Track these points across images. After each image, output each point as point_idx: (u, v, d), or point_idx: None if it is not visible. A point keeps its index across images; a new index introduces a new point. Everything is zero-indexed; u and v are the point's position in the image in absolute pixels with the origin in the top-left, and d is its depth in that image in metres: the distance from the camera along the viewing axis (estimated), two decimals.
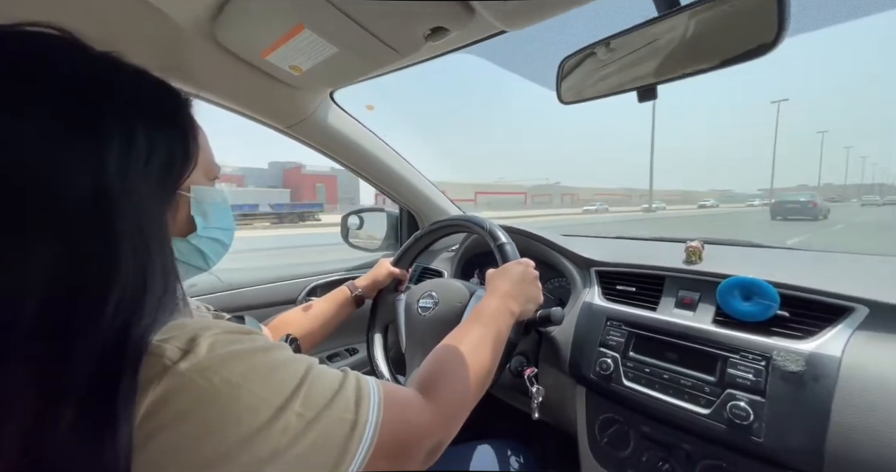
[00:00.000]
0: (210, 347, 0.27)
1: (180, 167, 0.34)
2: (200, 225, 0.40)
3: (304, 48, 0.59)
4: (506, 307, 0.56)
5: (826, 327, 0.50)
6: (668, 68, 0.46)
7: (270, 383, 0.29)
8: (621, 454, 0.62)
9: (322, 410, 0.30)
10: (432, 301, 0.74)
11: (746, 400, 0.49)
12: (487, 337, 0.51)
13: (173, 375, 0.25)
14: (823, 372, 0.46)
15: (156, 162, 0.30)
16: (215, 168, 0.43)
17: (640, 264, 0.73)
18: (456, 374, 0.45)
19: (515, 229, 0.89)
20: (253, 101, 0.80)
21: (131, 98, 0.30)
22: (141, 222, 0.28)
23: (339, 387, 0.32)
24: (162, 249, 0.30)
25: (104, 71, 0.30)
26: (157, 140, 0.31)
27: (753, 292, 0.55)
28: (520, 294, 0.59)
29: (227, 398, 0.26)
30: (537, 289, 0.63)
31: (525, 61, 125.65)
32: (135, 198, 0.28)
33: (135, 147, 0.28)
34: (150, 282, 0.28)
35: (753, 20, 0.36)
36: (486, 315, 0.54)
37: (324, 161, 0.97)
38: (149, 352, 0.26)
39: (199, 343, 0.27)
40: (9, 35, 0.27)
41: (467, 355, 0.47)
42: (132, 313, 0.26)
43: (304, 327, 0.74)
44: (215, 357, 0.27)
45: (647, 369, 0.60)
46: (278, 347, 0.32)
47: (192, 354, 0.26)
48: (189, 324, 0.29)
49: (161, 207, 0.32)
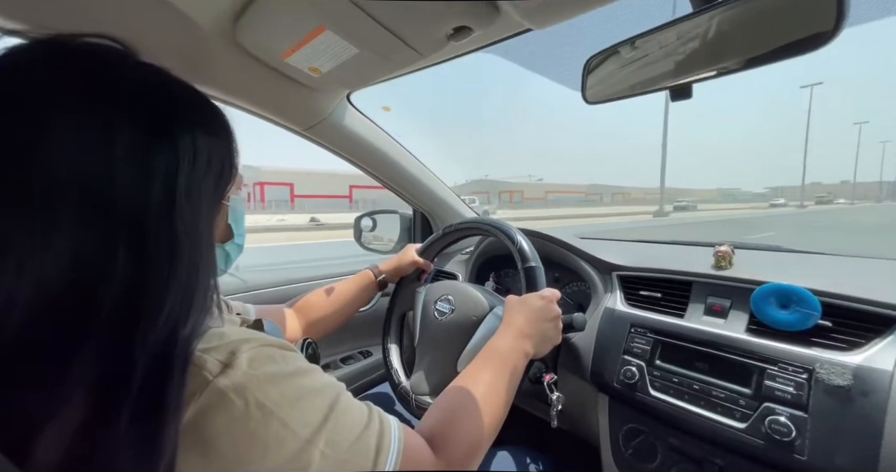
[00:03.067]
0: (249, 362, 0.28)
1: (228, 177, 0.35)
2: (236, 232, 0.43)
3: (325, 49, 0.59)
4: (520, 347, 0.54)
5: (874, 339, 0.47)
6: (704, 65, 0.44)
7: (300, 412, 0.29)
8: (648, 467, 0.60)
9: (343, 454, 0.30)
10: (449, 307, 0.73)
11: (787, 415, 0.47)
12: (500, 382, 0.49)
13: (213, 390, 0.26)
14: (874, 387, 0.43)
15: (212, 172, 0.32)
16: (240, 177, 0.44)
17: (665, 269, 0.70)
18: (466, 428, 0.43)
19: (534, 233, 0.87)
20: (271, 103, 0.80)
21: (192, 109, 0.32)
22: (194, 232, 0.29)
23: (362, 430, 0.32)
24: (210, 255, 0.32)
25: (164, 82, 0.31)
26: (214, 151, 0.32)
27: (792, 300, 0.52)
28: (536, 334, 0.56)
29: (259, 423, 0.26)
30: (556, 330, 0.60)
31: (541, 60, 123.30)
32: (196, 206, 0.29)
33: (199, 158, 0.30)
34: (198, 287, 0.29)
35: (808, 9, 0.33)
36: (500, 357, 0.52)
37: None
38: (192, 362, 0.26)
39: (238, 357, 0.28)
40: (74, 47, 0.27)
41: (479, 404, 0.45)
42: (181, 315, 0.27)
43: (327, 308, 0.75)
44: (253, 377, 0.27)
45: (675, 378, 0.58)
46: (310, 370, 0.33)
47: (231, 369, 0.27)
48: (228, 334, 0.29)
49: (211, 216, 0.33)
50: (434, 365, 0.70)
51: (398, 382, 0.74)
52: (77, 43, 0.28)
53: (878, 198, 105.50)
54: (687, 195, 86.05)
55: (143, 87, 0.28)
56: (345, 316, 0.77)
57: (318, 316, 0.73)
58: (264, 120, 0.86)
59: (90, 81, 0.26)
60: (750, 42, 0.40)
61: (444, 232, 0.84)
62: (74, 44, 0.27)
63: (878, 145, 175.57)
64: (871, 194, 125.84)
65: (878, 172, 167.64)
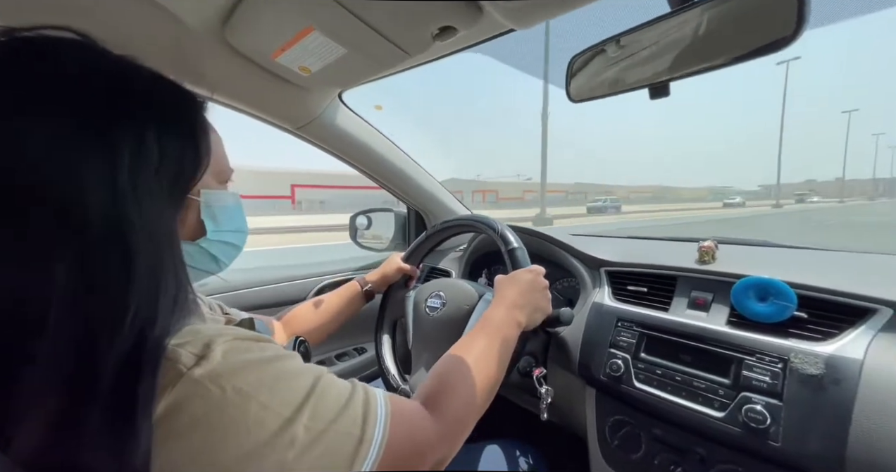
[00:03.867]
0: (224, 354, 0.28)
1: (190, 173, 0.34)
2: (210, 229, 0.40)
3: (314, 50, 0.60)
4: (512, 318, 0.56)
5: (847, 329, 0.48)
6: (681, 65, 0.45)
7: (280, 393, 0.29)
8: (632, 457, 0.61)
9: (329, 423, 0.30)
10: (440, 301, 0.74)
11: (763, 403, 0.48)
12: (493, 349, 0.50)
13: (188, 381, 0.26)
14: (844, 375, 0.45)
15: (167, 168, 0.30)
16: (228, 171, 0.44)
17: (651, 264, 0.71)
18: (461, 388, 0.44)
19: (524, 229, 0.88)
20: (263, 102, 0.81)
21: (146, 103, 0.30)
22: (151, 229, 0.28)
23: (347, 401, 0.32)
24: (172, 254, 0.31)
25: (120, 75, 0.30)
26: (169, 146, 0.31)
27: (769, 293, 0.54)
28: (527, 304, 0.58)
29: (238, 408, 0.26)
30: (546, 299, 0.62)
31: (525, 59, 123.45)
32: (146, 204, 0.28)
33: (146, 153, 0.29)
34: (164, 286, 0.28)
35: (771, 13, 0.35)
36: (493, 325, 0.54)
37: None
38: (165, 356, 0.26)
39: (213, 349, 0.28)
40: (27, 38, 0.27)
41: (473, 367, 0.46)
42: (148, 316, 0.26)
43: (315, 321, 0.75)
44: (228, 365, 0.27)
45: (658, 370, 0.59)
46: (289, 356, 0.33)
47: (206, 360, 0.27)
48: (203, 330, 0.29)
49: (171, 213, 0.32)
50: (432, 361, 0.71)
51: (396, 386, 0.75)
52: (31, 35, 0.27)
53: (871, 195, 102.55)
54: (614, 193, 65.61)
55: (83, 78, 0.27)
56: (331, 329, 0.78)
57: (305, 329, 0.74)
58: (256, 119, 0.87)
59: (16, 71, 0.25)
60: (722, 43, 0.41)
61: (428, 235, 0.85)
62: (28, 37, 0.27)
63: (870, 138, 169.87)
64: (864, 191, 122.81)
65: (872, 167, 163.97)
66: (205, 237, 0.40)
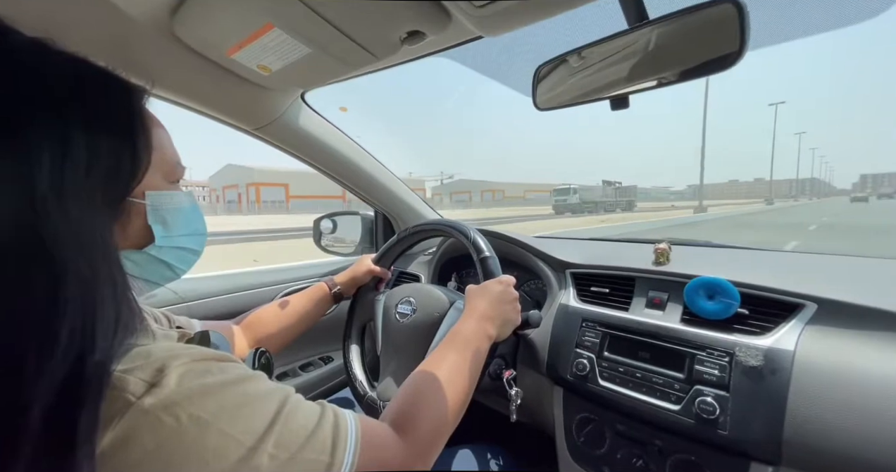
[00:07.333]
0: (179, 378, 0.26)
1: (129, 172, 0.30)
2: (160, 234, 0.37)
3: (274, 48, 0.57)
4: (483, 330, 0.56)
5: (781, 323, 0.53)
6: (638, 78, 0.48)
7: (242, 420, 0.27)
8: (597, 452, 0.64)
9: (296, 451, 0.29)
10: (410, 308, 0.73)
11: (713, 395, 0.52)
12: (464, 363, 0.50)
13: (137, 412, 0.24)
14: (780, 366, 0.49)
15: (99, 167, 0.27)
16: (178, 169, 0.40)
17: (612, 266, 0.75)
18: (432, 406, 0.44)
19: (492, 233, 0.90)
20: (218, 101, 0.76)
21: (69, 93, 0.26)
22: (83, 241, 0.25)
23: (315, 426, 0.31)
24: (110, 266, 0.27)
25: (34, 60, 0.26)
26: (101, 142, 0.27)
27: (717, 292, 0.58)
28: (497, 316, 0.59)
29: (195, 438, 0.25)
30: (516, 311, 0.63)
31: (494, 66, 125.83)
32: (74, 210, 0.25)
33: (72, 152, 0.25)
34: (101, 306, 0.25)
35: (717, 35, 0.38)
36: (463, 338, 0.54)
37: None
38: (110, 385, 0.24)
39: (166, 374, 0.25)
40: None
41: (444, 384, 0.46)
42: (84, 340, 0.23)
43: (278, 323, 0.71)
44: (184, 391, 0.25)
45: (621, 368, 0.62)
46: (253, 377, 0.31)
47: (158, 387, 0.25)
48: (155, 352, 0.27)
49: (106, 219, 0.29)
50: (400, 369, 0.70)
51: (363, 393, 0.73)
52: None
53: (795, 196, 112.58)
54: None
55: None
56: (297, 332, 0.74)
57: (268, 332, 0.70)
58: (212, 120, 0.81)
59: None
60: (675, 59, 0.44)
61: (399, 237, 0.84)
62: None
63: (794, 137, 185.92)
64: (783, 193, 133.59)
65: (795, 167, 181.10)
66: (153, 244, 0.37)
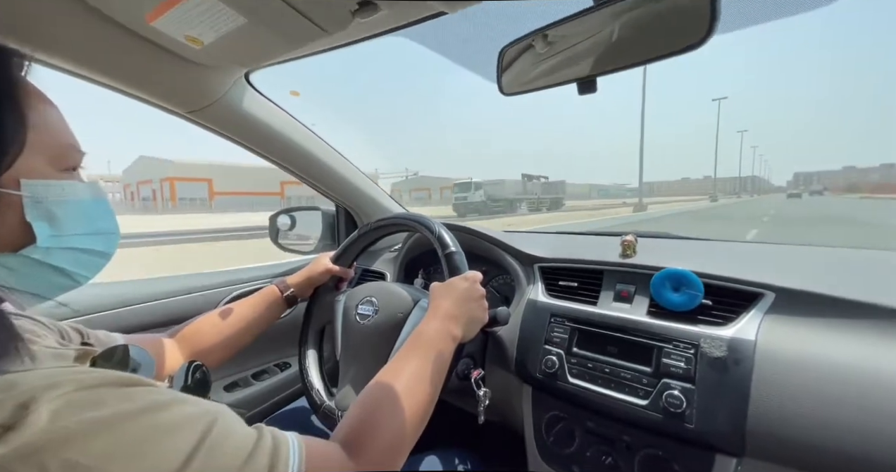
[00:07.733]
0: (53, 416, 0.20)
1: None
2: (44, 233, 0.30)
3: (202, 15, 0.49)
4: (447, 331, 0.52)
5: (742, 313, 0.54)
6: (605, 61, 0.45)
7: (147, 460, 0.22)
8: (567, 451, 0.62)
9: None
10: (372, 308, 0.68)
11: (680, 388, 0.51)
12: (426, 369, 0.47)
13: None
14: (743, 356, 0.49)
15: None
16: (73, 154, 0.33)
17: (580, 259, 0.74)
18: (389, 422, 0.40)
19: (458, 227, 0.86)
20: (146, 80, 0.67)
21: None
22: None
23: (247, 456, 0.27)
24: None
25: None
26: None
27: (682, 283, 0.57)
28: (462, 315, 0.55)
29: None
30: (483, 309, 0.59)
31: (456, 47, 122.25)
32: None
33: None
34: None
35: (686, 13, 0.36)
36: (426, 342, 0.50)
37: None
38: None
39: (33, 411, 0.20)
40: None
41: (402, 395, 0.42)
42: None
43: (220, 334, 0.63)
44: (58, 432, 0.20)
45: (589, 364, 0.61)
46: (169, 403, 0.25)
47: (16, 430, 0.19)
48: (23, 382, 0.21)
49: None
50: (360, 375, 0.65)
51: (320, 402, 0.68)
52: None
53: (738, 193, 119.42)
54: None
55: None
56: (243, 343, 0.66)
57: (208, 345, 0.61)
58: (140, 101, 0.72)
59: None
60: (642, 41, 0.42)
61: (360, 233, 0.79)
62: None
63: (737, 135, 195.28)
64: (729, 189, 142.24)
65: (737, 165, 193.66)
66: (34, 245, 0.30)
